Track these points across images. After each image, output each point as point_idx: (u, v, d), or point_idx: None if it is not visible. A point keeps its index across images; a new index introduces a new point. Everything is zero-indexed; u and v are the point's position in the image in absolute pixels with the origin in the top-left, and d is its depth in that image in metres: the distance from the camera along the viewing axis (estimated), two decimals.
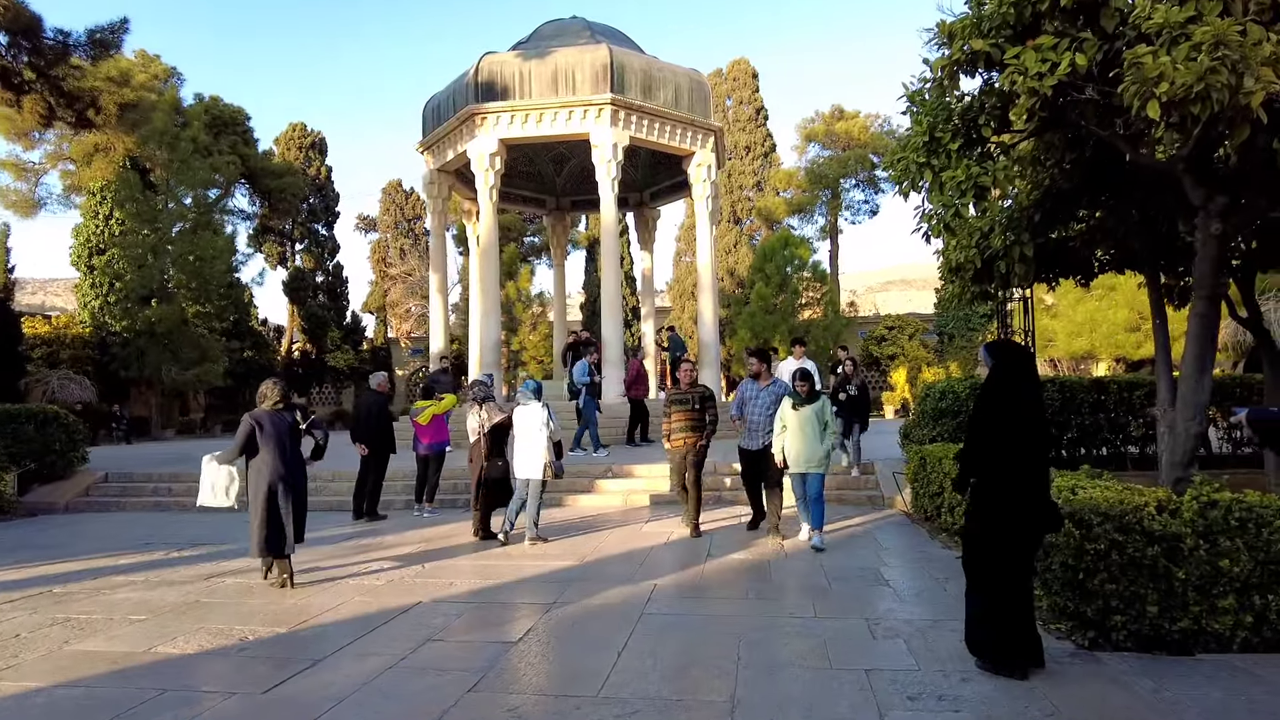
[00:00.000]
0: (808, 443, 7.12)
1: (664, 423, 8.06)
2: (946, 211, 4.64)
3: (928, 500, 8.37)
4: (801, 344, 11.35)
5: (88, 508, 11.48)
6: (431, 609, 5.35)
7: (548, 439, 7.57)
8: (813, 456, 7.15)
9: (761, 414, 7.75)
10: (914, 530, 8.29)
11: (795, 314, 28.15)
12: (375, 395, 10.03)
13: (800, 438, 7.15)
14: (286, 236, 39.15)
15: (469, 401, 8.51)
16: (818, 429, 7.14)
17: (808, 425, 7.12)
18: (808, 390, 7.26)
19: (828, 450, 7.21)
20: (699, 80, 17.94)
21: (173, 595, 5.91)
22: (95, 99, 16.07)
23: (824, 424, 7.16)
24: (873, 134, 37.25)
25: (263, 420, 6.17)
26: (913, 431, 10.32)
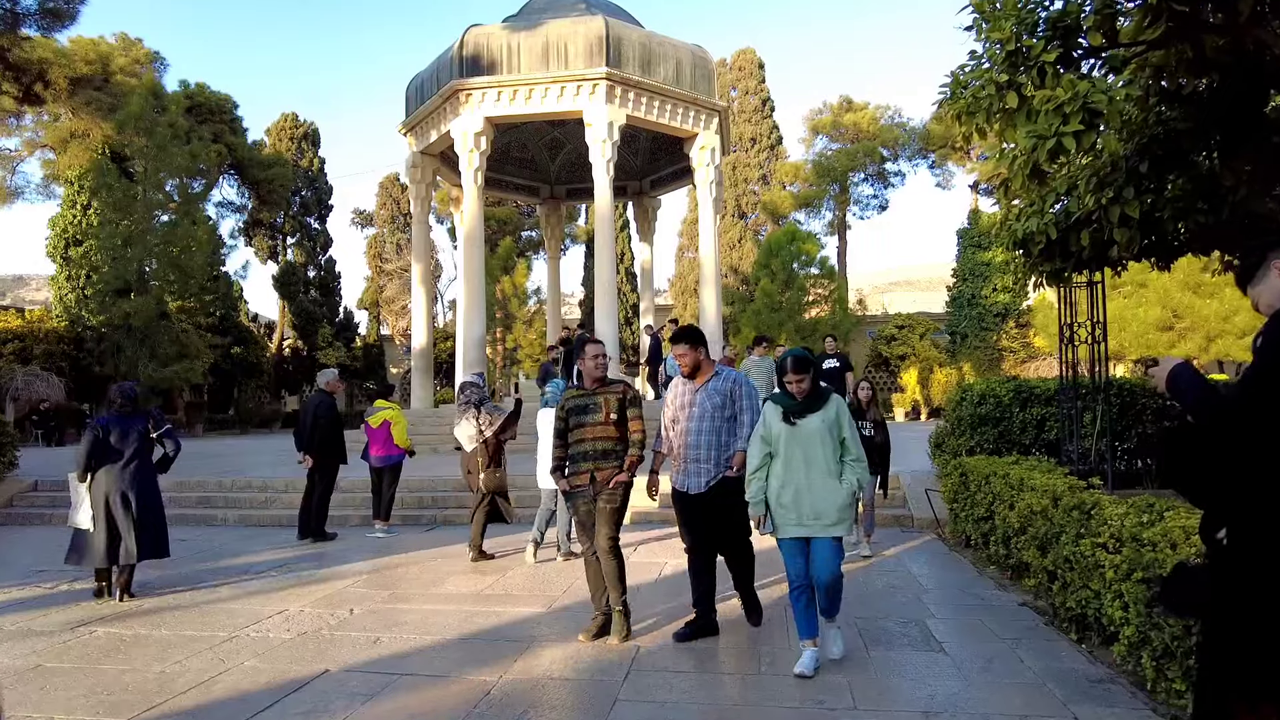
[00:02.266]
0: (814, 482, 4.05)
1: (554, 445, 5.00)
2: (1040, 146, 3.32)
3: (972, 525, 7.01)
4: (767, 342, 10.22)
5: (7, 520, 10.17)
6: (337, 685, 4.00)
7: None
8: (825, 507, 4.03)
9: (700, 432, 4.65)
10: (955, 561, 6.93)
11: (801, 311, 26.75)
12: (322, 396, 8.68)
13: (800, 472, 4.08)
14: (277, 230, 37.85)
15: (460, 405, 7.41)
16: (830, 455, 4.09)
17: (812, 449, 4.09)
18: (808, 388, 4.15)
19: (851, 492, 4.08)
20: (702, 56, 16.58)
21: (9, 655, 4.57)
22: (43, 72, 14.81)
23: (839, 443, 4.15)
24: (882, 126, 35.85)
25: (109, 426, 6.07)
26: (946, 441, 8.96)
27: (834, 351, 11.15)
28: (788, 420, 4.12)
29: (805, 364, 4.17)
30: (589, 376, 4.93)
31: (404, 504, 9.41)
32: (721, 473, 4.60)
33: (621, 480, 4.75)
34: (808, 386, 4.14)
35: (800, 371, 4.13)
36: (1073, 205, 4.72)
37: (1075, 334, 6.62)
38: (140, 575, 6.68)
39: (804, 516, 4.05)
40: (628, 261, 33.49)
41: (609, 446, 4.80)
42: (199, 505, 10.22)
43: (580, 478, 4.81)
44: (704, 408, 4.68)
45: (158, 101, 25.62)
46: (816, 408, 4.13)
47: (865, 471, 4.16)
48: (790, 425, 4.11)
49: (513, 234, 37.15)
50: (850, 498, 4.06)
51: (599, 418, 4.80)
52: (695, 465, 4.65)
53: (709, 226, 16.90)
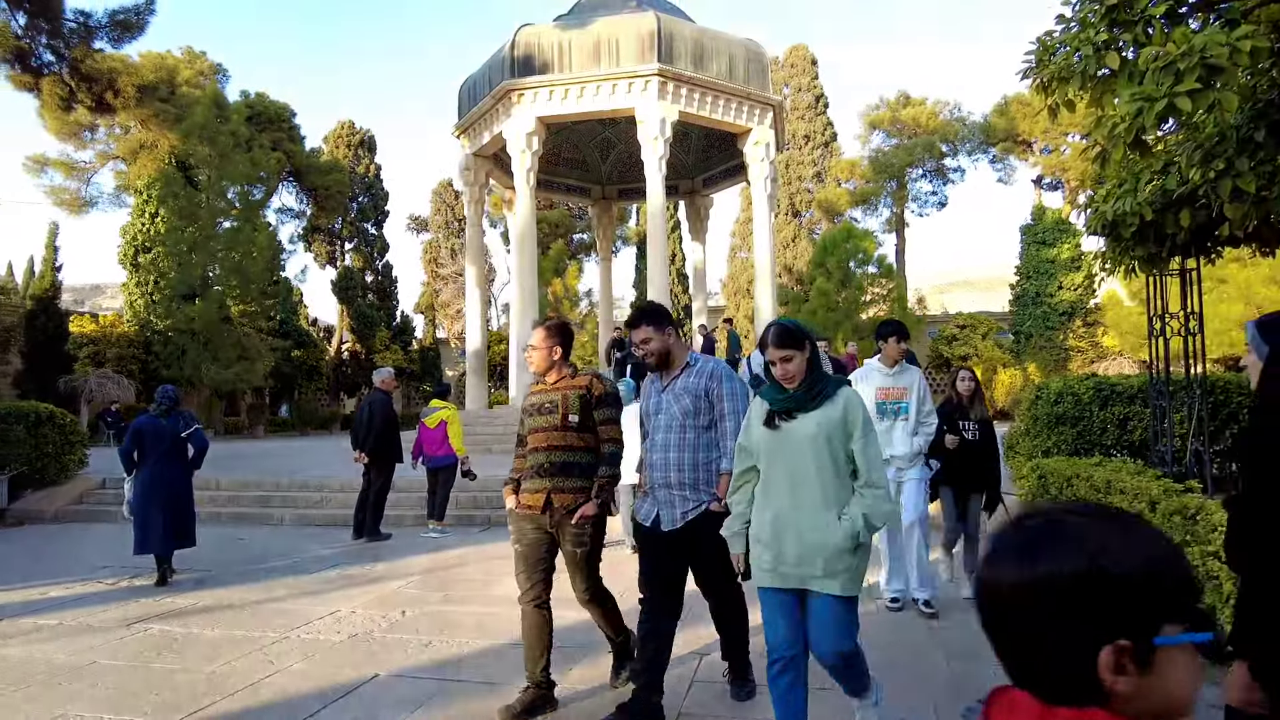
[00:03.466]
0: (801, 511, 2.79)
1: (515, 454, 3.91)
2: (1147, 110, 2.97)
3: None
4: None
5: (76, 517, 10.42)
6: (385, 691, 3.85)
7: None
8: (811, 549, 2.75)
9: (668, 447, 3.47)
10: None
11: (859, 311, 26.10)
12: (379, 394, 8.66)
13: (782, 497, 2.84)
14: (335, 235, 38.63)
15: None
16: (829, 475, 2.79)
17: (801, 465, 2.80)
18: (800, 372, 2.83)
19: (853, 535, 2.72)
20: (756, 50, 16.26)
21: (65, 651, 4.54)
22: (113, 80, 15.20)
23: (848, 457, 2.82)
24: (941, 121, 34.88)
25: (146, 427, 6.62)
26: (1020, 442, 8.50)
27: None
28: (770, 423, 2.83)
29: (794, 336, 2.80)
30: (545, 373, 3.76)
31: (458, 504, 9.32)
32: (704, 504, 3.37)
33: (587, 515, 3.55)
34: (799, 370, 2.78)
35: (786, 345, 2.78)
36: (1171, 182, 4.31)
37: (1166, 326, 6.14)
38: (198, 573, 6.75)
39: (783, 559, 2.74)
40: (680, 262, 33.25)
41: (568, 459, 3.61)
42: (257, 505, 10.31)
43: (533, 498, 3.60)
44: (670, 414, 3.45)
45: (220, 111, 26.31)
46: (813, 405, 2.78)
47: (884, 504, 2.72)
48: (773, 429, 2.81)
49: (564, 237, 37.22)
50: (852, 541, 2.67)
51: (553, 420, 3.61)
52: (665, 492, 3.42)
53: (763, 223, 16.56)
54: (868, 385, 5.18)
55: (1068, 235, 27.95)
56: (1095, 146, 3.98)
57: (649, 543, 3.53)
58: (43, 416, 11.05)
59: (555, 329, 3.73)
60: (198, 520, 7.02)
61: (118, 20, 15.37)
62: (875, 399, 5.08)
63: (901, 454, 5.10)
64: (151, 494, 6.46)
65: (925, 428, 5.13)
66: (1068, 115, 3.99)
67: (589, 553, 3.63)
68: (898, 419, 5.12)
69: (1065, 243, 27.95)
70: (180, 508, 6.63)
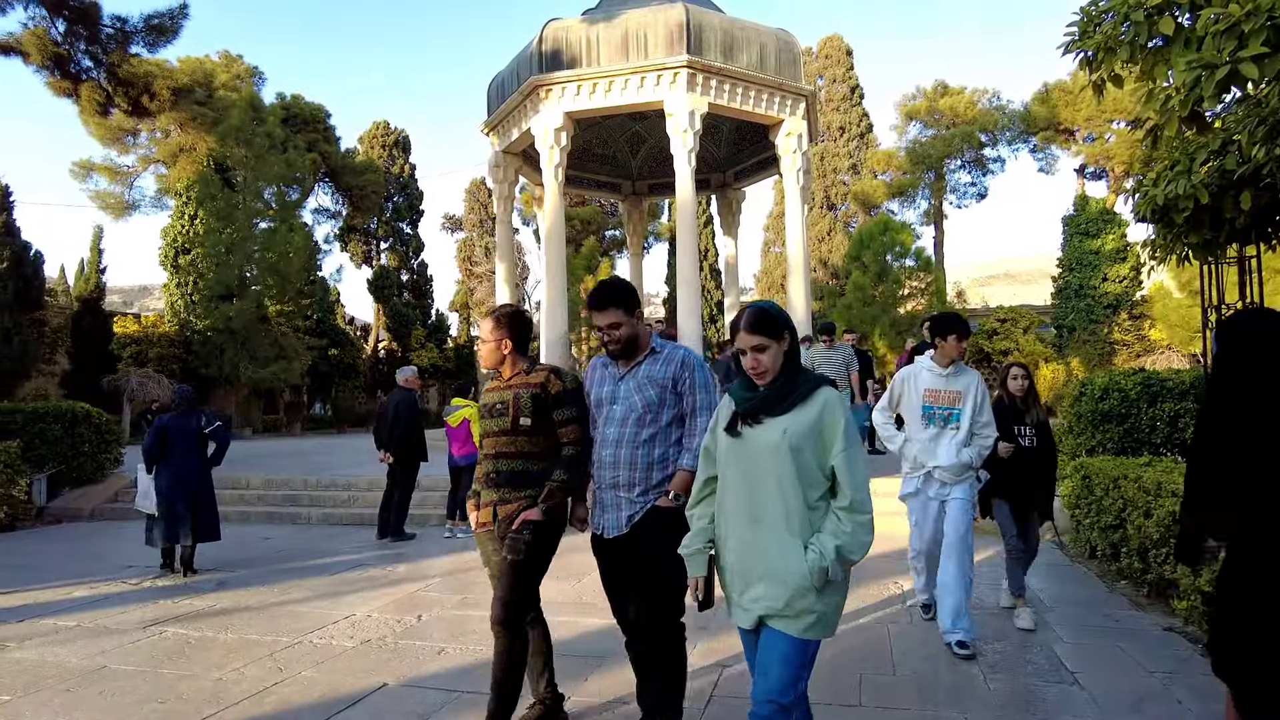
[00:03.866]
0: (761, 535, 2.31)
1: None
2: (1206, 80, 2.67)
3: (1098, 534, 6.25)
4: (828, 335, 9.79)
5: (111, 515, 10.54)
6: (392, 702, 3.72)
7: None
8: (768, 580, 2.29)
9: (620, 443, 3.06)
10: (1079, 575, 6.19)
11: (896, 305, 25.57)
12: (403, 393, 8.58)
13: (739, 517, 2.37)
14: (371, 235, 39.06)
15: None
16: (793, 494, 2.27)
17: (761, 480, 2.32)
18: (773, 366, 2.35)
19: (819, 570, 2.21)
20: (787, 40, 15.90)
21: (78, 655, 4.49)
22: (149, 84, 15.40)
23: (823, 473, 2.31)
24: (980, 110, 34.06)
25: (169, 425, 6.81)
26: (1064, 439, 8.12)
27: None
28: (732, 427, 2.38)
29: (771, 322, 2.34)
30: (498, 366, 3.35)
31: None
32: (650, 503, 3.00)
33: (529, 519, 3.08)
34: (772, 364, 2.32)
35: (761, 332, 2.32)
36: (1230, 161, 3.99)
37: (1222, 318, 5.77)
38: (222, 573, 6.72)
39: (744, 589, 2.34)
40: (711, 258, 32.95)
41: (518, 467, 3.17)
42: (285, 503, 10.32)
43: (485, 513, 3.25)
44: (630, 405, 3.03)
45: (256, 114, 26.68)
46: (782, 407, 2.29)
47: (864, 533, 2.22)
48: (733, 436, 2.37)
49: (596, 234, 37.13)
50: (818, 579, 2.20)
51: (503, 423, 3.20)
52: (613, 495, 3.04)
53: (796, 215, 16.20)
54: (914, 386, 4.51)
55: (1112, 226, 27.11)
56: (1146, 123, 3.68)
57: (598, 552, 3.18)
58: (79, 416, 11.20)
59: (505, 318, 3.32)
60: (227, 520, 7.50)
61: (152, 25, 15.55)
62: (922, 402, 4.45)
63: (947, 465, 4.37)
64: (175, 489, 6.68)
65: (981, 440, 4.41)
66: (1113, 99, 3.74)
67: (520, 565, 3.07)
68: (947, 427, 4.40)
69: (1110, 233, 27.11)
70: (203, 502, 6.82)
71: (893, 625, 4.85)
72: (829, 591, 2.26)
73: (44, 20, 14.93)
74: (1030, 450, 4.90)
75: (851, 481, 2.25)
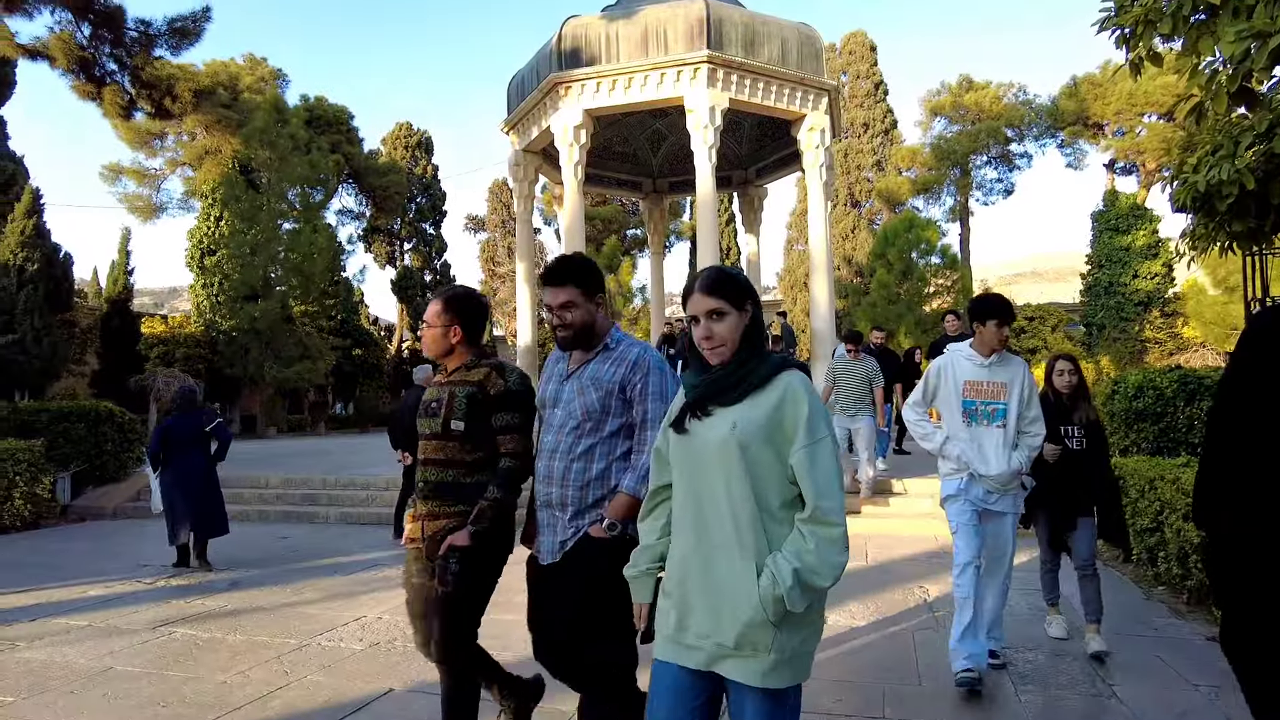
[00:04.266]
0: (710, 555, 1.85)
1: None
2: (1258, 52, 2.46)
3: (1134, 538, 6.01)
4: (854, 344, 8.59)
5: (133, 514, 10.58)
6: (398, 708, 3.61)
7: None
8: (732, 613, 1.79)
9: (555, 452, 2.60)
10: (1114, 579, 5.95)
11: (922, 303, 25.18)
12: (419, 392, 8.50)
13: (686, 533, 1.92)
14: (394, 236, 39.29)
15: None
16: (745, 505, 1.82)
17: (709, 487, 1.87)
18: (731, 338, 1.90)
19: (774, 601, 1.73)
20: (809, 34, 15.69)
21: (86, 656, 4.44)
22: (171, 87, 15.52)
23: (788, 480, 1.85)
24: (1006, 105, 33.50)
25: (173, 424, 6.99)
26: None
27: (959, 332, 8.97)
28: (679, 423, 1.95)
29: (732, 285, 1.93)
30: (444, 355, 2.89)
31: None
32: (584, 529, 2.49)
33: (455, 544, 2.63)
34: (729, 337, 1.89)
35: (719, 294, 1.90)
36: (1279, 144, 3.77)
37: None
38: (236, 572, 6.68)
39: (687, 624, 1.86)
40: (733, 256, 32.74)
41: (447, 478, 2.75)
42: (304, 503, 10.30)
43: (414, 527, 2.85)
44: (569, 409, 2.55)
45: (280, 116, 26.86)
46: (734, 396, 1.87)
47: (834, 553, 1.74)
48: (680, 433, 1.94)
49: (617, 233, 37.03)
50: (774, 609, 1.74)
51: (434, 425, 2.78)
52: (547, 514, 2.58)
53: (819, 212, 15.98)
54: (951, 378, 3.93)
55: (1143, 221, 26.54)
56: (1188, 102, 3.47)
57: (529, 580, 2.68)
58: (102, 415, 11.27)
59: (454, 301, 2.86)
60: (247, 519, 7.54)
61: (175, 28, 15.68)
62: (962, 397, 3.89)
63: (996, 474, 3.79)
64: (179, 487, 6.82)
65: (1029, 438, 3.88)
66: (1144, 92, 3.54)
67: (452, 599, 2.65)
68: (992, 425, 3.85)
69: (1141, 229, 26.54)
70: (207, 497, 6.95)
71: (919, 633, 4.67)
72: (792, 625, 1.77)
73: (70, 24, 15.11)
74: (1079, 453, 4.35)
75: (815, 485, 1.77)
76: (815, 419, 1.81)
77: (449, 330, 2.84)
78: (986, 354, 3.90)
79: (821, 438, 1.80)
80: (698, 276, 1.94)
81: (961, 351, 3.99)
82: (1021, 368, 3.91)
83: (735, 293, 1.90)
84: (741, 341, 1.90)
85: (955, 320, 9.27)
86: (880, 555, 6.83)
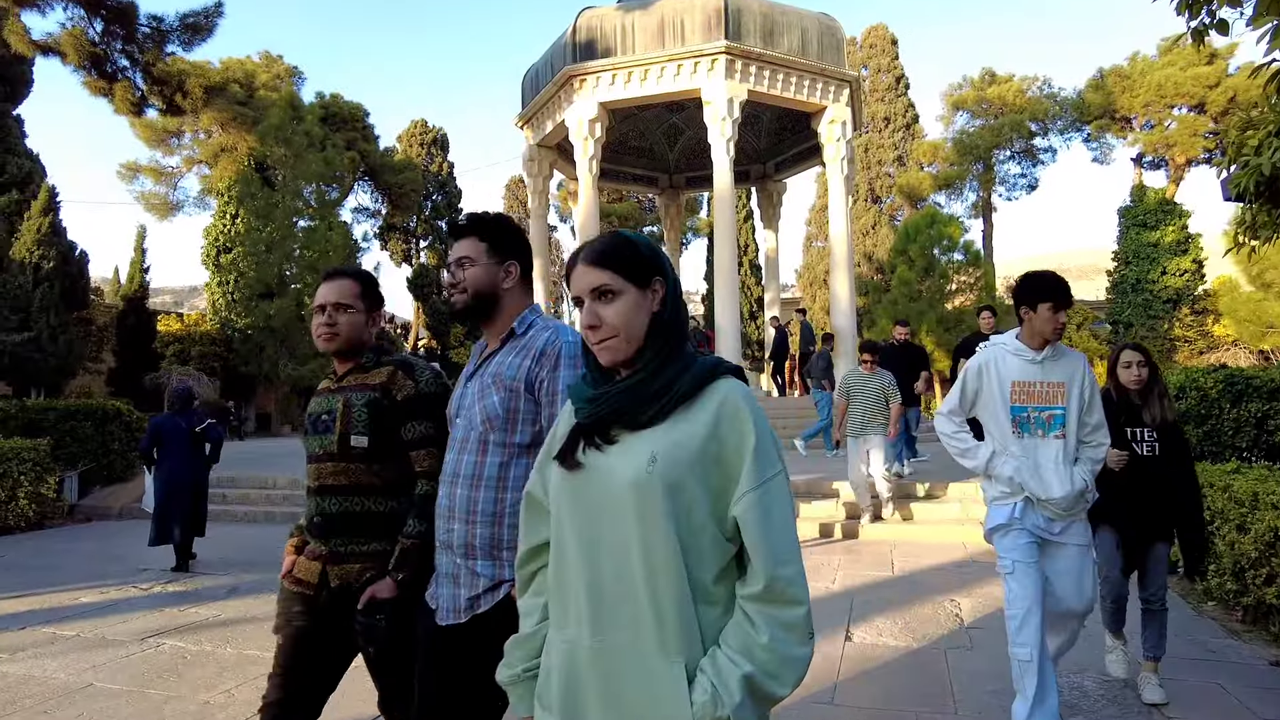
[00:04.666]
0: (624, 656, 1.25)
1: None
2: None
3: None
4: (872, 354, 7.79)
5: (140, 514, 10.34)
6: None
7: None
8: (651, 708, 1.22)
9: (457, 476, 1.90)
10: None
11: (944, 301, 24.69)
12: None
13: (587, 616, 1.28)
14: (410, 233, 39.21)
15: None
16: (669, 574, 1.22)
17: (622, 548, 1.26)
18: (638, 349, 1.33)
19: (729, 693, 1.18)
20: (830, 24, 15.33)
21: (67, 670, 4.20)
22: (182, 82, 15.41)
23: (725, 535, 1.28)
24: (1030, 98, 32.85)
25: (162, 426, 6.96)
26: None
27: (993, 330, 8.24)
28: (566, 455, 1.35)
29: (623, 254, 1.36)
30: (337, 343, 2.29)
31: None
32: (507, 584, 1.83)
33: (379, 597, 2.09)
34: (623, 325, 1.32)
35: (606, 265, 1.34)
36: None
37: None
38: (234, 579, 6.47)
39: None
40: (752, 253, 32.37)
41: (355, 507, 2.19)
42: None
43: (307, 568, 2.26)
44: (470, 418, 1.92)
45: (295, 113, 26.79)
46: (649, 414, 1.30)
47: (795, 644, 1.21)
48: (569, 469, 1.34)
49: (634, 230, 36.76)
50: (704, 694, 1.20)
51: (328, 442, 2.21)
52: (448, 558, 1.91)
53: (840, 206, 15.61)
54: (995, 379, 3.17)
55: (1172, 217, 25.88)
56: (1268, 68, 3.11)
57: (421, 639, 1.97)
58: (109, 414, 11.14)
59: (373, 282, 2.35)
60: (254, 520, 7.57)
61: (188, 24, 15.57)
62: (1009, 401, 3.13)
63: (1059, 496, 3.01)
64: (171, 488, 6.81)
65: (1091, 449, 3.14)
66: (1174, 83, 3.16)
67: (387, 656, 2.18)
68: (1049, 435, 3.09)
69: (1170, 224, 25.87)
70: (196, 498, 6.99)
71: (951, 651, 4.34)
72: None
73: (82, 20, 15.04)
74: (1150, 459, 3.58)
75: (770, 546, 1.23)
76: (765, 446, 1.27)
77: (364, 321, 2.30)
78: (1039, 347, 3.12)
79: (774, 475, 1.27)
80: (582, 250, 1.39)
81: (1006, 345, 3.20)
82: (1080, 362, 3.17)
83: (633, 264, 1.34)
84: (649, 335, 1.33)
85: (990, 316, 8.66)
86: (906, 565, 6.50)
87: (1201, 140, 27.57)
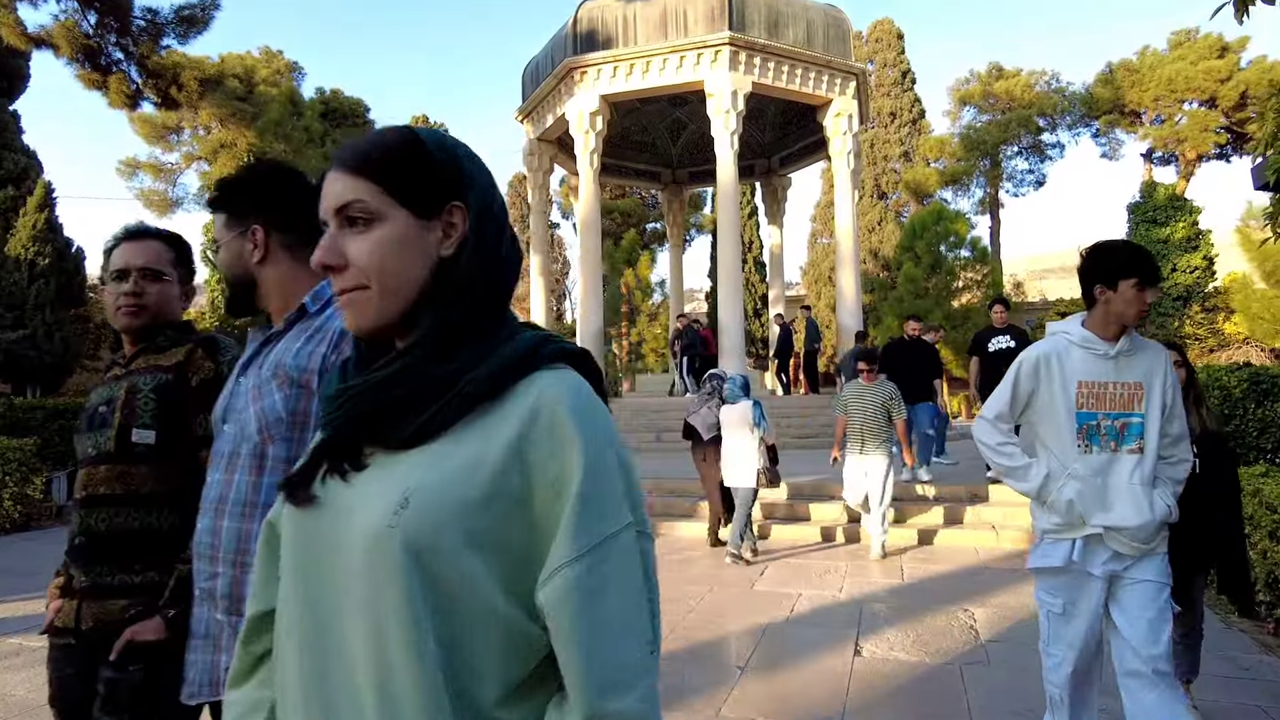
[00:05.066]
0: None
1: None
2: None
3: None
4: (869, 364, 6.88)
5: None
6: None
7: (759, 441, 6.53)
8: None
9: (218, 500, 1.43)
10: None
11: (951, 298, 24.39)
12: None
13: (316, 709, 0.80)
14: None
15: (704, 395, 7.24)
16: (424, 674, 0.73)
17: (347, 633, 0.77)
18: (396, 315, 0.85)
19: None
20: (836, 15, 15.04)
21: (27, 684, 3.97)
22: (177, 76, 15.20)
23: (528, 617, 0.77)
24: (1038, 93, 32.52)
25: None
26: None
27: (1006, 325, 7.97)
28: (298, 486, 0.85)
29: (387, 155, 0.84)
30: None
31: None
32: None
33: (139, 639, 1.57)
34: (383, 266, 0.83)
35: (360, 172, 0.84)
36: None
37: None
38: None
39: None
40: (756, 250, 32.04)
41: (132, 523, 1.69)
42: None
43: (66, 608, 1.74)
44: (241, 423, 1.42)
45: (295, 108, 26.61)
46: (417, 421, 0.80)
47: None
48: (297, 504, 0.84)
49: (636, 226, 36.46)
50: None
51: (104, 440, 1.72)
52: (208, 613, 1.46)
53: (846, 201, 15.32)
54: (1056, 377, 2.51)
55: (1182, 213, 25.53)
56: None
57: None
58: None
59: (170, 239, 1.89)
60: None
61: (183, 16, 15.36)
62: (1073, 406, 2.48)
63: (1135, 526, 2.41)
64: None
65: (1171, 467, 2.51)
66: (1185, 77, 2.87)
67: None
68: (1122, 448, 2.46)
69: (1180, 221, 25.52)
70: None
71: (967, 667, 4.07)
72: None
73: (75, 13, 14.83)
74: (1189, 478, 2.64)
75: (595, 662, 0.75)
76: (602, 486, 0.78)
77: (184, 290, 1.89)
78: (1113, 337, 2.46)
79: (613, 533, 0.78)
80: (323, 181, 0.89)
81: (1071, 334, 2.53)
82: (1162, 357, 2.51)
83: (411, 174, 0.85)
84: (427, 294, 0.85)
85: (1003, 310, 8.14)
86: (916, 572, 6.23)
87: (1213, 135, 27.20)
